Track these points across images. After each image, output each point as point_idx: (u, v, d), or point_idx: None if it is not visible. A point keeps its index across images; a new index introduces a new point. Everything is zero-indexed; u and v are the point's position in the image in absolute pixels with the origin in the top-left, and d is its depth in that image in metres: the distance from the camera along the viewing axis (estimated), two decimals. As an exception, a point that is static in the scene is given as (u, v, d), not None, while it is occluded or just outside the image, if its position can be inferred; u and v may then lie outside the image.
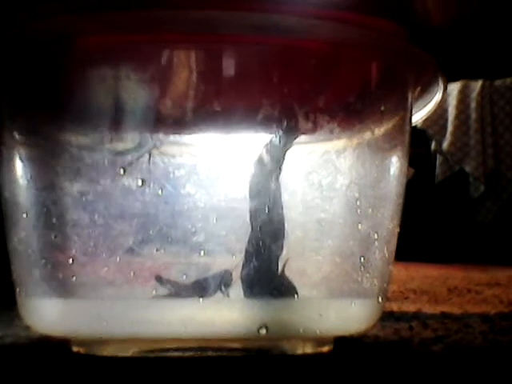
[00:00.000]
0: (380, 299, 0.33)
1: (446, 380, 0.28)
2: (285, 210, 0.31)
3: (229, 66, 0.30)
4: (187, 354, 0.31)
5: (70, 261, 0.31)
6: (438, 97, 0.36)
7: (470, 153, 1.48)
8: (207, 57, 0.30)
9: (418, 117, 0.38)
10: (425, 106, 0.37)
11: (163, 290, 0.31)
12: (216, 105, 0.30)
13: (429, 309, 0.50)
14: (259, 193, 0.30)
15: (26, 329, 0.37)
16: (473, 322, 0.43)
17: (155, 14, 0.28)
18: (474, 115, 1.49)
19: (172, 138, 0.31)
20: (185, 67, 0.30)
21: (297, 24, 0.29)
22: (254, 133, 0.31)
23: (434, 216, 1.47)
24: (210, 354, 0.31)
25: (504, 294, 0.64)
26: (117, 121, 0.30)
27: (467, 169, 1.49)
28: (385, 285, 0.34)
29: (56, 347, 0.33)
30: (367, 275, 0.32)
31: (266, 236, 0.30)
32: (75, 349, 0.32)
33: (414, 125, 0.36)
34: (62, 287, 0.31)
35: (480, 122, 1.49)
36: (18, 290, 0.33)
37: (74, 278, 0.31)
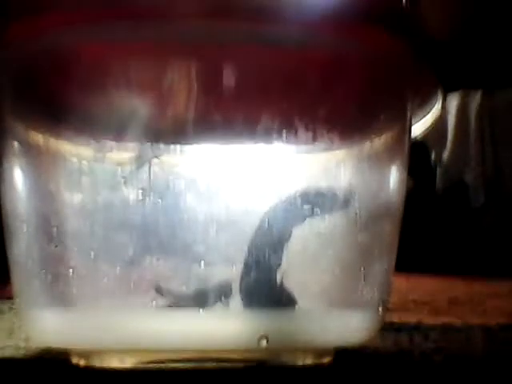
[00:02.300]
0: (380, 310, 0.33)
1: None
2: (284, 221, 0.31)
3: (228, 77, 0.30)
4: (187, 365, 0.30)
5: (70, 272, 0.31)
6: (436, 109, 0.36)
7: (470, 163, 1.48)
8: (207, 67, 0.30)
9: (418, 130, 0.38)
10: (424, 118, 0.37)
11: (163, 301, 0.31)
12: (216, 115, 0.30)
13: (429, 320, 0.50)
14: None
15: (25, 340, 0.37)
16: (474, 333, 0.43)
17: (155, 25, 0.28)
18: (473, 126, 1.49)
19: (172, 148, 0.31)
20: (184, 78, 0.30)
21: (297, 35, 0.29)
22: (253, 144, 0.31)
23: (435, 226, 1.47)
24: (209, 365, 0.31)
25: (505, 305, 0.64)
26: (117, 131, 0.30)
27: (467, 179, 1.49)
28: (385, 296, 0.33)
29: (56, 359, 0.33)
30: (367, 286, 0.32)
31: (266, 246, 0.30)
32: (75, 360, 0.32)
33: (413, 137, 0.36)
34: (62, 298, 0.31)
35: (479, 133, 1.49)
36: (17, 300, 0.33)
37: (74, 289, 0.31)
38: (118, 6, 0.29)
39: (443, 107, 0.36)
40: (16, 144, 0.32)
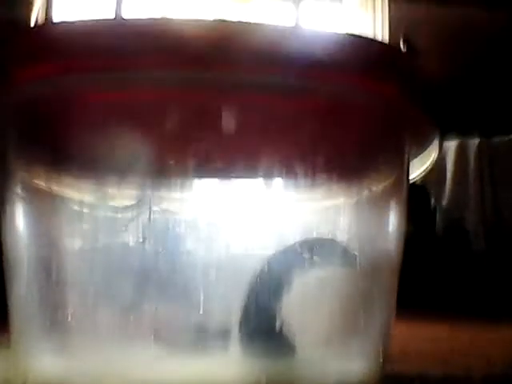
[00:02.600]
0: (381, 358, 0.32)
1: None
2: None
3: (228, 124, 0.31)
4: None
5: (69, 317, 0.30)
6: (434, 155, 0.36)
7: (470, 209, 1.48)
8: (206, 113, 0.30)
9: (416, 174, 0.38)
10: (422, 163, 0.37)
11: (162, 347, 0.30)
12: (216, 161, 0.30)
13: (431, 370, 0.49)
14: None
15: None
16: (477, 382, 0.42)
17: (156, 71, 0.29)
18: (472, 171, 1.50)
19: (173, 193, 0.31)
20: (184, 124, 0.30)
21: (296, 83, 0.30)
22: (252, 190, 0.31)
23: (436, 270, 1.46)
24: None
25: (509, 350, 0.62)
26: (118, 176, 0.30)
27: (467, 225, 1.48)
28: (385, 344, 0.33)
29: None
30: (367, 334, 0.32)
31: (266, 293, 0.30)
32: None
33: (412, 181, 0.36)
34: (61, 344, 0.31)
35: (479, 178, 1.50)
36: (16, 345, 0.32)
37: (73, 335, 0.30)
38: (121, 56, 0.29)
39: (441, 151, 0.36)
40: (19, 188, 0.32)
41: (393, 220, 0.34)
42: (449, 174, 1.50)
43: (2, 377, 0.41)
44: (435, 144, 0.35)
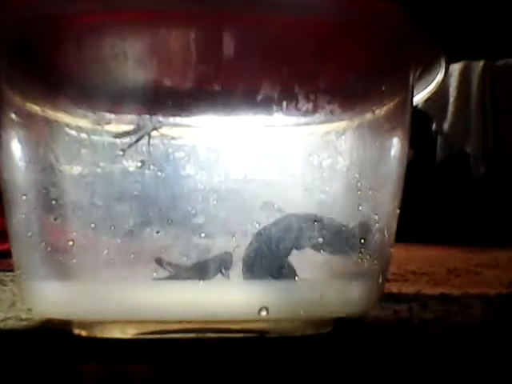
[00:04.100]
0: (380, 280, 0.33)
1: (445, 361, 0.28)
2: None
3: (228, 46, 0.30)
4: (187, 336, 0.31)
5: (70, 243, 0.30)
6: (439, 77, 0.36)
7: (471, 134, 1.48)
8: (206, 36, 0.29)
9: (419, 97, 0.37)
10: (426, 86, 0.37)
11: (163, 273, 0.31)
12: (215, 85, 0.30)
13: (428, 290, 0.50)
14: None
15: (27, 311, 0.37)
16: (472, 303, 0.43)
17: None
18: (474, 96, 1.48)
19: (171, 119, 0.31)
20: (183, 47, 0.30)
21: (297, 3, 0.29)
22: (253, 114, 0.31)
23: (435, 197, 1.47)
24: (210, 335, 0.31)
25: (504, 275, 0.64)
26: (115, 102, 0.30)
27: (468, 150, 1.48)
28: (385, 266, 0.34)
29: (57, 329, 0.33)
30: (367, 257, 0.32)
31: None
32: (76, 331, 0.32)
33: (414, 105, 0.36)
34: (63, 270, 0.31)
35: (481, 103, 1.48)
36: (18, 272, 0.33)
37: (74, 260, 0.31)
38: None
39: (445, 75, 0.35)
40: (13, 115, 0.32)
41: (395, 144, 0.33)
42: (451, 99, 1.48)
43: (9, 301, 0.42)
44: (440, 66, 0.35)
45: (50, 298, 0.31)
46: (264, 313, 0.29)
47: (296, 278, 0.31)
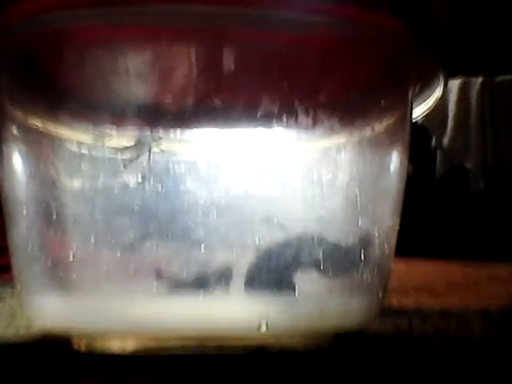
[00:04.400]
0: (380, 295, 0.33)
1: (445, 374, 0.28)
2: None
3: (228, 62, 0.30)
4: (187, 350, 0.31)
5: (71, 257, 0.31)
6: (438, 93, 0.36)
7: (470, 149, 1.48)
8: (207, 51, 0.30)
9: (419, 113, 0.38)
10: (425, 101, 0.37)
11: (163, 286, 0.31)
12: (215, 101, 0.30)
13: (428, 304, 0.50)
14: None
15: (26, 325, 0.37)
16: (472, 317, 0.43)
17: (154, 8, 0.28)
18: (474, 112, 1.49)
19: (172, 134, 0.31)
20: (184, 62, 0.30)
21: (297, 19, 0.29)
22: (253, 129, 0.31)
23: (434, 211, 1.47)
24: (209, 350, 0.31)
25: (504, 289, 0.64)
26: (116, 117, 0.30)
27: (467, 165, 1.48)
28: (385, 280, 0.34)
29: (57, 343, 0.33)
30: (367, 271, 0.32)
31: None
32: (76, 345, 0.32)
33: (414, 121, 0.36)
34: (63, 283, 0.31)
35: (480, 119, 1.48)
36: (18, 286, 0.33)
37: (75, 274, 0.31)
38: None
39: (445, 91, 0.36)
40: (15, 130, 0.32)
41: (395, 160, 0.34)
42: (451, 115, 1.49)
43: (8, 314, 0.42)
44: (439, 82, 0.35)
45: (50, 311, 0.31)
46: (264, 327, 0.29)
47: (296, 292, 0.31)
